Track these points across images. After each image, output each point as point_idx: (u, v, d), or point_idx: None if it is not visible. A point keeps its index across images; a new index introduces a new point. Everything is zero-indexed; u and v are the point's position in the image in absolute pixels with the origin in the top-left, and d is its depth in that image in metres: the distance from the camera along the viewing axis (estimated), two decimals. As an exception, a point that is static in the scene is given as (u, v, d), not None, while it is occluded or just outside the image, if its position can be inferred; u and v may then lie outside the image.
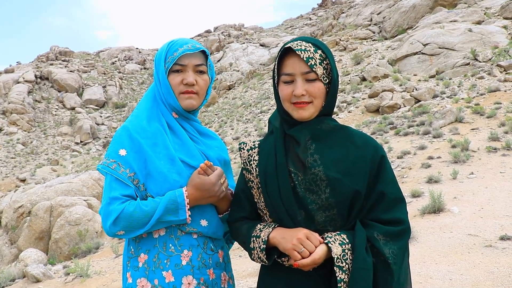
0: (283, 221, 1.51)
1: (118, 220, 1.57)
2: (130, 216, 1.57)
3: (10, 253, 14.11)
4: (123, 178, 1.62)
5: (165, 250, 1.65)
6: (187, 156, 1.72)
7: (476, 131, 13.53)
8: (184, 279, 1.64)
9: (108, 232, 1.61)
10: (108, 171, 1.63)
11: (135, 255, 1.68)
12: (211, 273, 1.70)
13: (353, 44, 36.14)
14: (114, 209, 1.57)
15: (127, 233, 1.60)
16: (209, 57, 1.83)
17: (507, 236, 5.65)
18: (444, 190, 8.13)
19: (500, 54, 21.87)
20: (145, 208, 1.58)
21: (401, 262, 1.45)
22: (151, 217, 1.58)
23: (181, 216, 1.60)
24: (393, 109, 20.14)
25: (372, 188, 1.48)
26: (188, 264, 1.65)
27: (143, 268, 1.65)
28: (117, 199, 1.60)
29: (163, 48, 1.78)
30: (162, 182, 1.64)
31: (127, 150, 1.66)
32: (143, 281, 1.64)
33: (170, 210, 1.59)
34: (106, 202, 1.60)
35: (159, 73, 1.76)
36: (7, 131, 53.17)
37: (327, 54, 1.51)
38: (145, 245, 1.67)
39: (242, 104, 37.33)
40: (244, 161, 1.65)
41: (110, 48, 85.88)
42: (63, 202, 14.19)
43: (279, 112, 1.59)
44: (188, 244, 1.67)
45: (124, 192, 1.62)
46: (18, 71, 66.16)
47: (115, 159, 1.65)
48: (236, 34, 75.70)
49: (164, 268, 1.63)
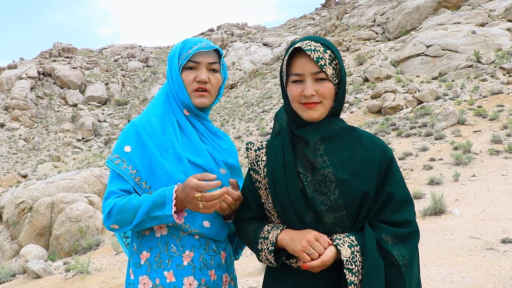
0: (291, 222, 1.50)
1: (111, 213, 1.58)
2: (120, 209, 1.56)
3: (11, 249, 14.13)
4: (124, 174, 1.63)
5: (167, 250, 1.64)
6: (195, 155, 1.70)
7: (478, 133, 13.51)
8: (186, 279, 1.63)
9: (105, 226, 1.63)
10: (112, 166, 1.65)
11: (137, 252, 1.68)
12: (212, 274, 1.69)
13: (356, 44, 36.09)
14: (109, 203, 1.59)
15: (121, 227, 1.59)
16: (222, 57, 1.82)
17: (508, 239, 5.65)
18: (446, 192, 8.12)
19: (504, 56, 21.83)
20: (134, 201, 1.56)
21: (411, 265, 1.44)
22: (137, 210, 1.53)
23: (167, 211, 1.50)
24: (395, 110, 20.11)
25: (381, 190, 1.48)
26: (189, 264, 1.64)
27: (145, 265, 1.65)
28: (114, 193, 1.62)
29: (177, 46, 1.78)
30: (167, 181, 1.62)
31: (132, 147, 1.66)
32: (145, 279, 1.63)
33: (157, 204, 1.52)
34: (105, 196, 1.64)
35: (172, 70, 1.75)
36: (9, 127, 53.29)
37: (336, 54, 1.49)
38: (147, 243, 1.66)
39: (244, 103, 37.32)
40: (252, 162, 1.62)
41: (113, 46, 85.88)
42: (64, 199, 14.19)
43: (287, 113, 1.57)
44: (190, 244, 1.66)
45: (122, 187, 1.63)
46: (21, 67, 66.26)
47: (120, 154, 1.66)
48: (239, 33, 75.71)
49: (166, 268, 1.63)
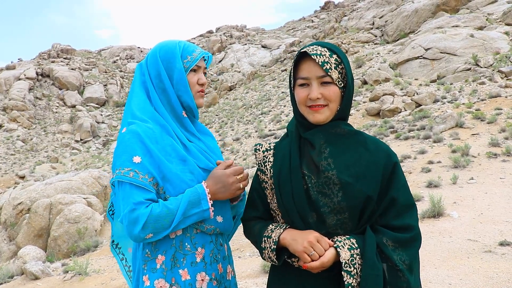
0: (294, 223, 1.53)
1: (147, 224, 1.55)
2: (158, 217, 1.56)
3: (9, 250, 14.10)
4: (145, 184, 1.60)
5: (182, 249, 1.68)
6: (192, 156, 1.76)
7: (477, 136, 13.55)
8: (198, 275, 1.68)
9: (137, 238, 1.57)
10: (127, 180, 1.59)
11: (152, 257, 1.68)
12: (220, 267, 1.76)
13: (354, 47, 36.17)
14: (141, 213, 1.55)
15: (155, 234, 1.58)
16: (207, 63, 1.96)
17: (506, 241, 5.67)
18: (444, 195, 8.14)
19: (502, 60, 21.90)
20: (170, 206, 1.59)
21: (411, 269, 1.46)
22: (175, 214, 1.58)
23: (204, 206, 1.62)
24: (393, 113, 20.15)
25: (384, 194, 1.50)
26: (201, 261, 1.70)
27: (161, 269, 1.66)
28: (141, 203, 1.57)
29: (173, 47, 1.77)
30: (179, 183, 1.66)
31: (141, 156, 1.63)
32: (161, 282, 1.65)
33: (193, 203, 1.61)
34: (129, 209, 1.56)
35: (175, 71, 1.75)
36: (7, 128, 53.16)
37: (342, 59, 1.53)
38: (162, 247, 1.67)
39: (243, 105, 37.34)
40: (259, 162, 1.68)
41: (111, 47, 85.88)
42: (63, 200, 14.17)
43: (295, 115, 1.62)
44: (202, 241, 1.71)
45: (147, 196, 1.60)
46: (19, 68, 66.18)
47: (131, 167, 1.61)
48: (238, 35, 75.77)
49: (181, 266, 1.66)
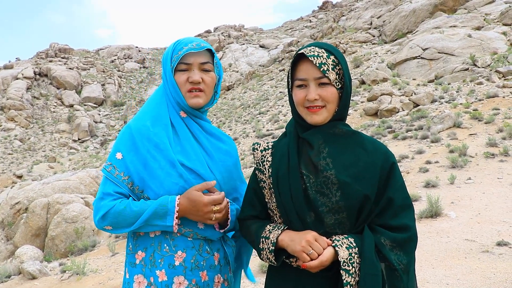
0: (292, 222, 1.53)
1: (106, 216, 1.63)
2: (118, 214, 1.62)
3: (6, 250, 14.06)
4: (117, 181, 1.68)
5: (160, 250, 1.68)
6: (185, 158, 1.71)
7: (474, 136, 13.57)
8: (176, 278, 1.67)
9: (97, 225, 1.67)
10: (105, 174, 1.70)
11: (132, 252, 1.73)
12: (204, 275, 1.72)
13: (352, 47, 36.19)
14: (105, 205, 1.64)
15: (115, 229, 1.66)
16: (216, 56, 1.83)
17: (504, 241, 5.68)
18: (442, 195, 8.15)
19: (499, 60, 21.96)
20: (134, 208, 1.63)
21: (407, 270, 1.47)
22: (138, 218, 1.62)
23: (168, 222, 1.62)
24: (391, 113, 20.17)
25: (382, 194, 1.51)
26: (181, 265, 1.68)
27: (140, 265, 1.69)
28: (109, 195, 1.66)
29: (169, 48, 1.79)
30: (158, 186, 1.67)
31: (124, 154, 1.70)
32: (140, 278, 1.68)
33: (158, 215, 1.62)
34: (99, 196, 1.67)
35: (166, 72, 1.77)
36: (5, 127, 53.00)
37: (339, 60, 1.53)
38: (142, 243, 1.71)
39: (241, 105, 37.32)
40: (257, 162, 1.68)
41: (109, 46, 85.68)
42: (60, 200, 14.14)
43: (293, 116, 1.63)
44: (183, 245, 1.69)
45: (117, 189, 1.68)
46: (17, 67, 65.95)
47: (111, 161, 1.71)
48: (236, 35, 75.70)
49: (158, 267, 1.67)
